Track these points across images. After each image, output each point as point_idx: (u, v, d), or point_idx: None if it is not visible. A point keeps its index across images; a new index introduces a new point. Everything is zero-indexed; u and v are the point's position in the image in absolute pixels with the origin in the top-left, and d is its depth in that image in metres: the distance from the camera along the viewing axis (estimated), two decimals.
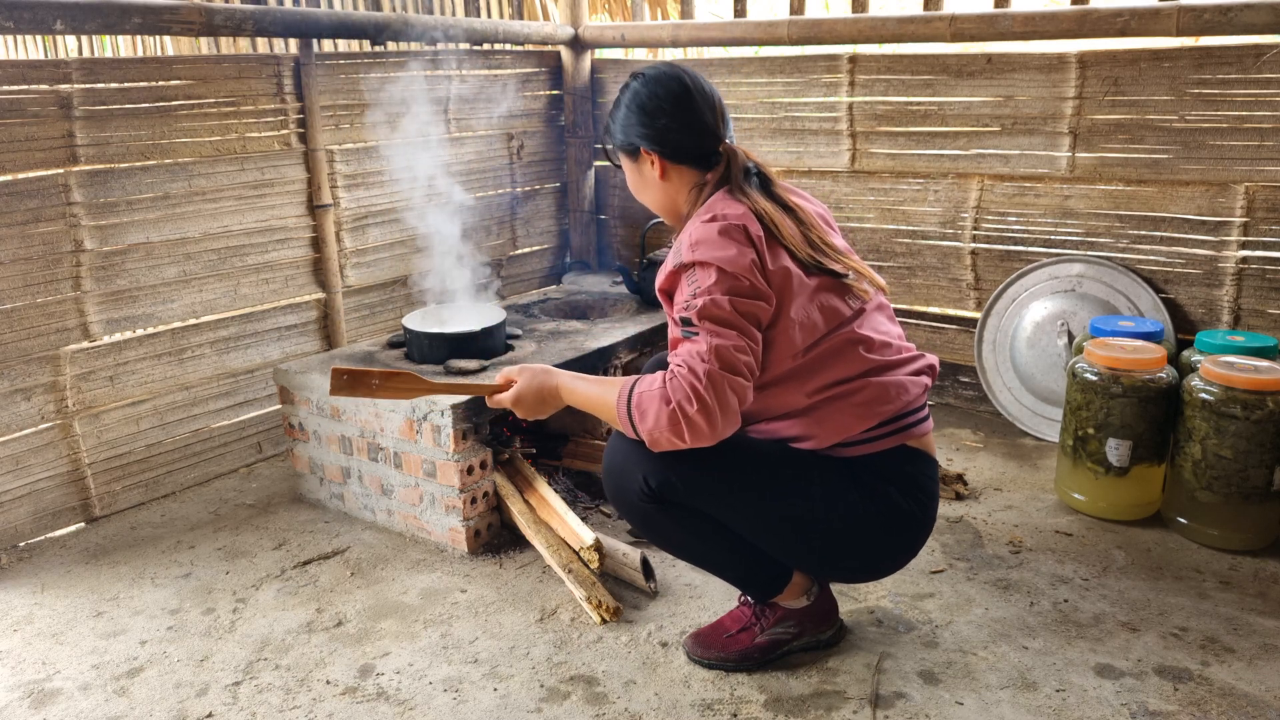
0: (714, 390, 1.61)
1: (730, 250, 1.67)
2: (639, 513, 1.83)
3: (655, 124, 1.83)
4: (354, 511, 2.67)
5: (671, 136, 1.83)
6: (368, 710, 1.85)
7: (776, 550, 1.84)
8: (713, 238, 1.69)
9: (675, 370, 1.64)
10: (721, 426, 1.63)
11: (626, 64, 3.94)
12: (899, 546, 1.85)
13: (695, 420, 1.61)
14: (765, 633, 1.94)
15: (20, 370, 2.52)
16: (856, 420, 1.75)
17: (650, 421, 1.64)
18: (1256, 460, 2.31)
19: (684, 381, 1.62)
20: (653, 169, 1.86)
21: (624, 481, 1.81)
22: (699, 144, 1.83)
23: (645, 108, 1.83)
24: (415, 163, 3.41)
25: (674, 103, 1.82)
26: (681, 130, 1.82)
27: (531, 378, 1.86)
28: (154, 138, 2.71)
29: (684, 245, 1.72)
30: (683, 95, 1.83)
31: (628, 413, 1.69)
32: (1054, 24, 2.89)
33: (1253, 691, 1.85)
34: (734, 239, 1.69)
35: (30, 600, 2.29)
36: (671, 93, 1.83)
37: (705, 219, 1.74)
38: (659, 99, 1.83)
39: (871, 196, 3.41)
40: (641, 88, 1.85)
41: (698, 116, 1.83)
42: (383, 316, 3.41)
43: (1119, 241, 3.03)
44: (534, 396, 1.85)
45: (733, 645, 1.94)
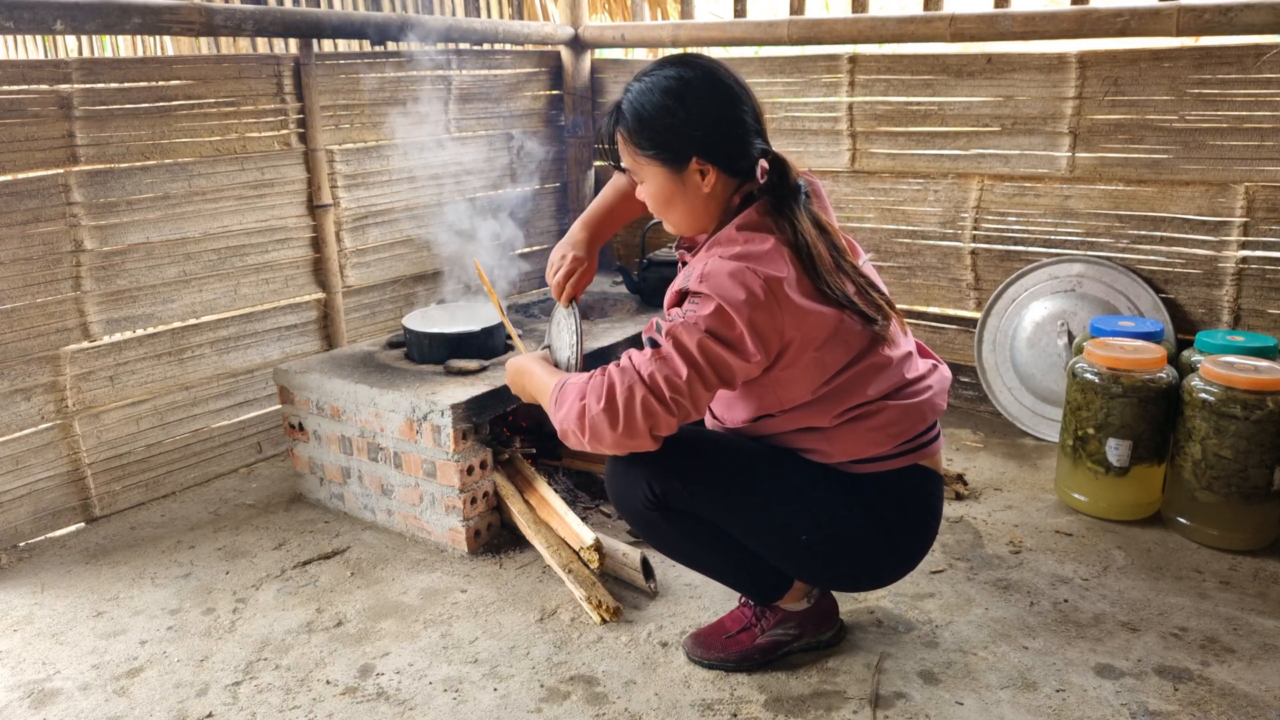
0: (627, 403, 1.56)
1: (739, 295, 1.53)
2: (643, 519, 1.80)
3: (715, 127, 1.60)
4: (354, 511, 2.67)
5: (733, 143, 1.62)
6: (368, 710, 1.85)
7: (778, 559, 1.82)
8: (725, 278, 1.54)
9: (607, 370, 1.62)
10: (621, 438, 1.57)
11: (626, 64, 3.94)
12: (901, 560, 1.83)
13: (597, 422, 1.58)
14: (766, 634, 1.94)
15: (20, 370, 2.52)
16: (871, 445, 1.69)
17: (562, 411, 1.63)
18: (1256, 460, 2.31)
19: (605, 382, 1.59)
20: (702, 181, 1.64)
21: (628, 488, 1.75)
22: (753, 153, 1.65)
23: (703, 107, 1.59)
24: (415, 163, 3.42)
25: (734, 101, 1.61)
26: (744, 136, 1.63)
27: (512, 363, 1.93)
28: (154, 138, 2.71)
29: (695, 273, 1.59)
30: (742, 92, 1.62)
31: (552, 400, 1.69)
32: (1054, 24, 2.89)
33: (1253, 691, 1.85)
34: (746, 286, 1.53)
35: (30, 600, 2.29)
36: (729, 89, 1.61)
37: (729, 254, 1.58)
38: (718, 96, 1.60)
39: (871, 196, 3.41)
40: (695, 80, 1.59)
41: (752, 117, 1.63)
42: (383, 316, 3.41)
43: (1119, 241, 3.03)
44: (515, 379, 1.91)
45: (733, 646, 1.94)
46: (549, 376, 1.78)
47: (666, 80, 1.61)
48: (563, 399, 1.65)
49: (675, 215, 1.71)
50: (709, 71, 1.62)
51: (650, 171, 1.67)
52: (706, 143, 1.61)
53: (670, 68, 1.63)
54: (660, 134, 1.62)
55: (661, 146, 1.62)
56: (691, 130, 1.60)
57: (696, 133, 1.60)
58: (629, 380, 1.57)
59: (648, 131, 1.62)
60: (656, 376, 1.56)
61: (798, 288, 1.57)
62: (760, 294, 1.54)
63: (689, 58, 1.66)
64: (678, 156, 1.62)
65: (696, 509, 1.74)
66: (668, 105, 1.59)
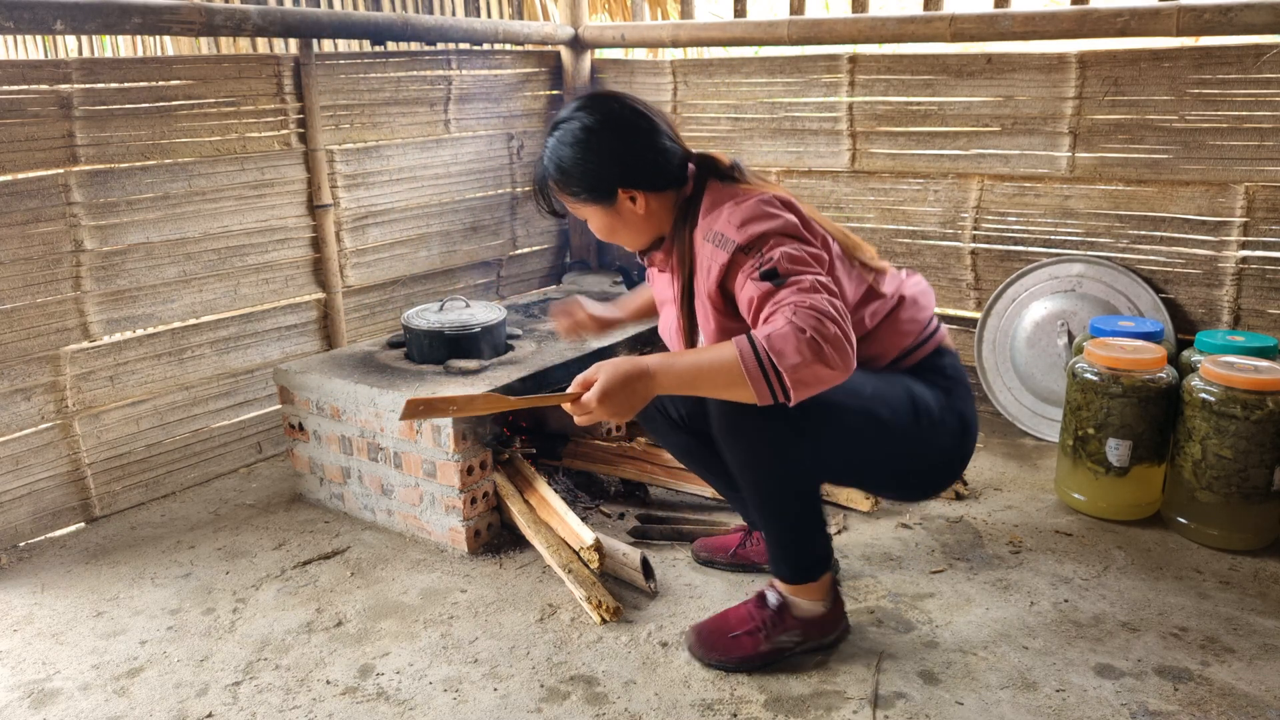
0: (837, 311, 1.56)
1: (778, 220, 1.69)
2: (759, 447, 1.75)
3: (628, 161, 1.76)
4: (354, 511, 2.67)
5: (649, 168, 1.78)
6: (368, 710, 1.85)
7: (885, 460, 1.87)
8: (756, 212, 1.70)
9: (794, 303, 1.55)
10: (853, 345, 1.57)
11: (627, 64, 3.95)
12: (969, 437, 1.94)
13: (839, 341, 1.52)
14: (770, 640, 1.92)
15: (20, 370, 2.52)
16: (907, 335, 1.88)
17: (793, 357, 1.50)
18: (1256, 460, 2.31)
19: (809, 312, 1.53)
20: (634, 206, 1.80)
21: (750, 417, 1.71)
22: (673, 163, 1.80)
23: (610, 147, 1.75)
24: (415, 163, 3.42)
25: (638, 131, 1.77)
26: (657, 157, 1.78)
27: (614, 370, 1.59)
28: (154, 138, 2.71)
29: (728, 232, 1.69)
30: (642, 120, 1.78)
31: (758, 361, 1.52)
32: (1054, 24, 2.89)
33: (1253, 691, 1.85)
34: (775, 208, 1.71)
35: (30, 600, 2.29)
36: (630, 122, 1.77)
37: (734, 204, 1.73)
38: (621, 133, 1.76)
39: (871, 196, 3.41)
40: (595, 126, 1.76)
41: (662, 137, 1.79)
42: (383, 316, 3.41)
43: (1119, 241, 3.03)
44: (623, 390, 1.59)
45: (735, 649, 1.93)
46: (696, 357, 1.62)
47: (573, 133, 1.77)
48: (782, 350, 1.51)
49: (623, 238, 1.88)
50: (607, 112, 1.78)
51: (586, 211, 1.85)
52: (624, 175, 1.78)
53: (574, 119, 1.78)
54: (581, 179, 1.79)
55: (586, 189, 1.80)
56: (607, 169, 1.77)
57: (613, 170, 1.77)
58: (821, 298, 1.57)
59: (570, 180, 1.80)
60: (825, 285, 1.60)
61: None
62: (786, 209, 1.73)
63: (590, 102, 1.80)
64: (604, 193, 1.79)
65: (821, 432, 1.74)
66: (579, 154, 1.77)
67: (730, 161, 1.86)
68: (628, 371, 1.59)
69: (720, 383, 1.57)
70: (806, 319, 1.52)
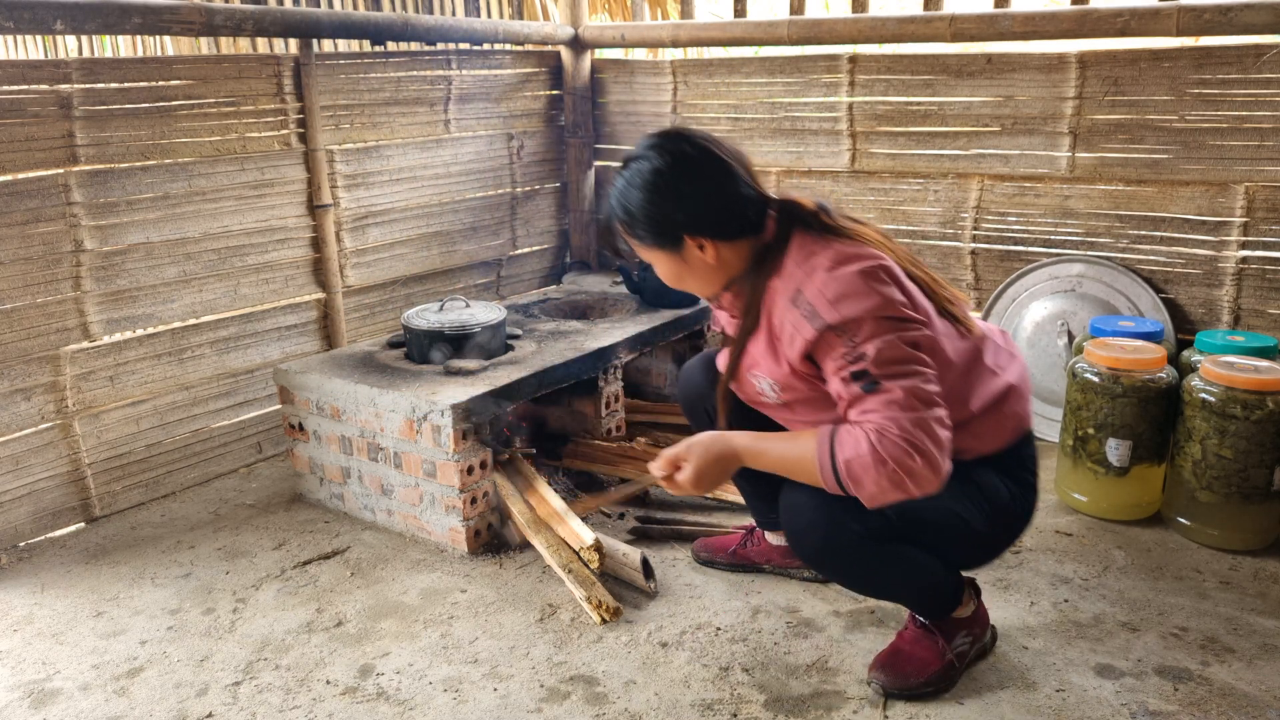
0: (928, 435, 1.50)
1: (875, 298, 1.55)
2: (848, 551, 1.71)
3: (697, 208, 1.66)
4: (354, 511, 2.67)
5: (720, 216, 1.67)
6: (368, 710, 1.85)
7: (956, 554, 1.82)
8: (852, 288, 1.56)
9: (880, 428, 1.50)
10: (943, 467, 1.52)
11: (627, 64, 3.94)
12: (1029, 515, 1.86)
13: (921, 473, 1.49)
14: (951, 649, 1.87)
15: (20, 370, 2.52)
16: (1007, 430, 1.76)
17: (871, 487, 1.52)
18: (1256, 460, 2.31)
19: (896, 438, 1.49)
20: (703, 254, 1.69)
21: (838, 520, 1.68)
22: (750, 211, 1.69)
23: (679, 191, 1.65)
24: (415, 163, 3.42)
25: (710, 177, 1.65)
26: (730, 205, 1.67)
27: (705, 451, 1.67)
28: (154, 138, 2.71)
29: (818, 305, 1.57)
30: (716, 164, 1.66)
31: (836, 481, 1.55)
32: (1054, 24, 2.89)
33: (1253, 691, 1.85)
34: (876, 280, 1.57)
35: (30, 600, 2.29)
36: (702, 166, 1.65)
37: (828, 269, 1.59)
38: (692, 178, 1.65)
39: (871, 196, 3.41)
40: (665, 168, 1.65)
41: (738, 183, 1.67)
42: (383, 316, 3.41)
43: (1119, 241, 3.03)
44: (716, 469, 1.68)
45: (926, 668, 1.85)
46: (784, 447, 1.65)
47: (641, 175, 1.68)
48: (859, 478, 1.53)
49: (690, 285, 1.79)
50: (678, 154, 1.67)
51: (651, 255, 1.76)
52: (692, 223, 1.67)
53: (644, 159, 1.68)
54: (646, 224, 1.70)
55: (652, 234, 1.71)
56: (674, 216, 1.67)
57: (679, 217, 1.67)
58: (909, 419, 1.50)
59: (635, 224, 1.71)
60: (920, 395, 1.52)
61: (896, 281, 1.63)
62: (888, 282, 1.59)
63: (663, 141, 1.70)
64: (670, 240, 1.70)
65: (901, 531, 1.70)
66: (645, 198, 1.67)
67: (815, 205, 1.71)
68: (719, 454, 1.68)
69: (804, 479, 1.63)
70: (891, 449, 1.49)
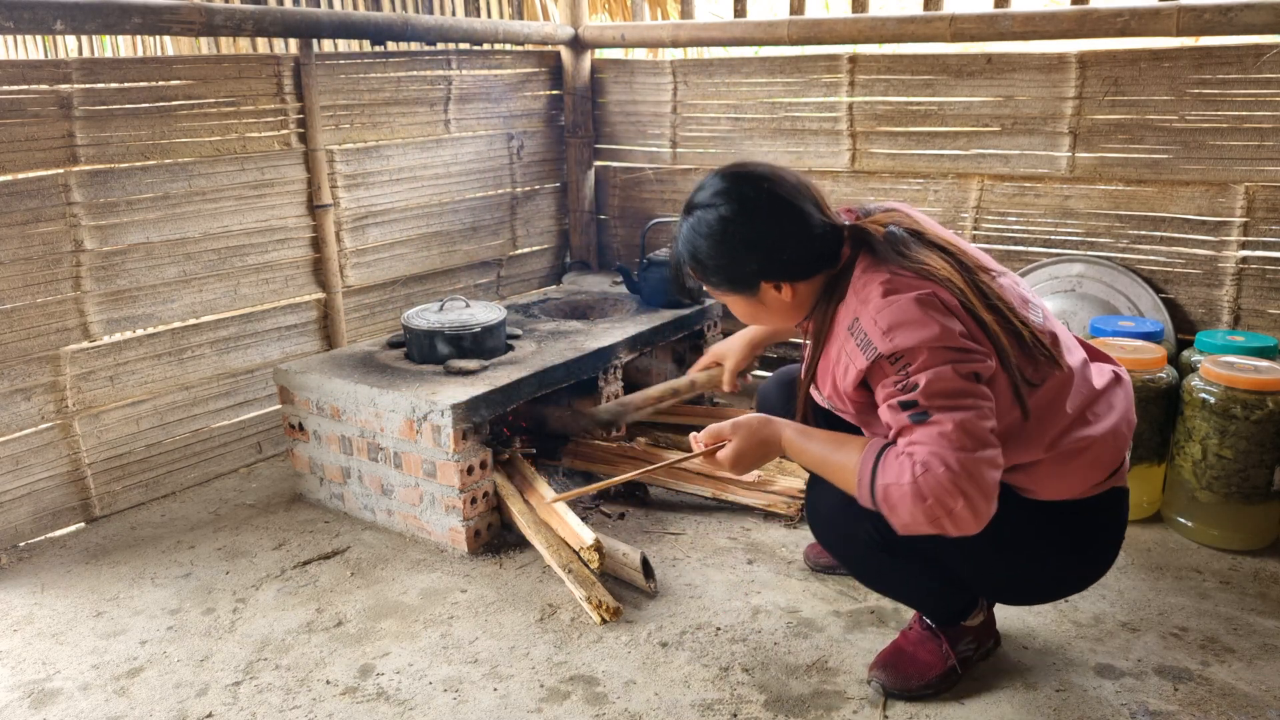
0: (973, 479, 1.42)
1: (932, 328, 1.48)
2: (860, 555, 1.75)
3: (770, 254, 1.62)
4: (354, 511, 2.67)
5: (795, 259, 1.63)
6: (368, 710, 1.85)
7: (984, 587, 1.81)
8: (907, 317, 1.50)
9: (925, 462, 1.44)
10: (986, 512, 1.45)
11: (627, 64, 3.94)
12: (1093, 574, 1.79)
13: (961, 516, 1.43)
14: (955, 652, 1.86)
15: (20, 370, 2.52)
16: (1082, 481, 1.65)
17: (905, 518, 1.47)
18: (1256, 460, 2.31)
19: (940, 477, 1.42)
20: (780, 295, 1.67)
21: (852, 525, 1.70)
22: (824, 248, 1.64)
23: (750, 241, 1.62)
24: (415, 163, 3.42)
25: (781, 222, 1.61)
26: (804, 248, 1.63)
27: (751, 434, 1.67)
28: (154, 138, 2.71)
29: (871, 333, 1.52)
30: (787, 208, 1.61)
31: (872, 499, 1.51)
32: (1054, 24, 2.89)
33: (1253, 691, 1.85)
34: (932, 309, 1.50)
35: (30, 600, 2.29)
36: (773, 212, 1.61)
37: (883, 296, 1.53)
38: (763, 226, 1.61)
39: (871, 197, 3.41)
40: (732, 217, 1.61)
41: (807, 222, 1.62)
42: (383, 316, 3.41)
43: (1119, 241, 3.03)
44: (756, 451, 1.68)
45: (928, 671, 1.85)
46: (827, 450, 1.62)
47: (709, 224, 1.64)
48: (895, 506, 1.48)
49: (767, 322, 1.84)
50: (745, 202, 1.63)
51: (728, 299, 1.76)
52: (764, 270, 1.65)
53: (711, 207, 1.64)
54: (720, 272, 1.69)
55: (726, 281, 1.70)
56: (747, 265, 1.65)
57: (752, 265, 1.65)
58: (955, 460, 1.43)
59: (708, 272, 1.70)
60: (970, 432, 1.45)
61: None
62: (943, 311, 1.51)
63: (729, 186, 1.64)
64: (745, 286, 1.69)
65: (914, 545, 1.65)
66: (715, 248, 1.65)
67: (885, 232, 1.64)
68: (764, 438, 1.68)
69: (840, 484, 1.61)
70: (934, 487, 1.42)
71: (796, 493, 2.57)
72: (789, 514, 2.54)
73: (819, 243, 1.64)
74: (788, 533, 2.51)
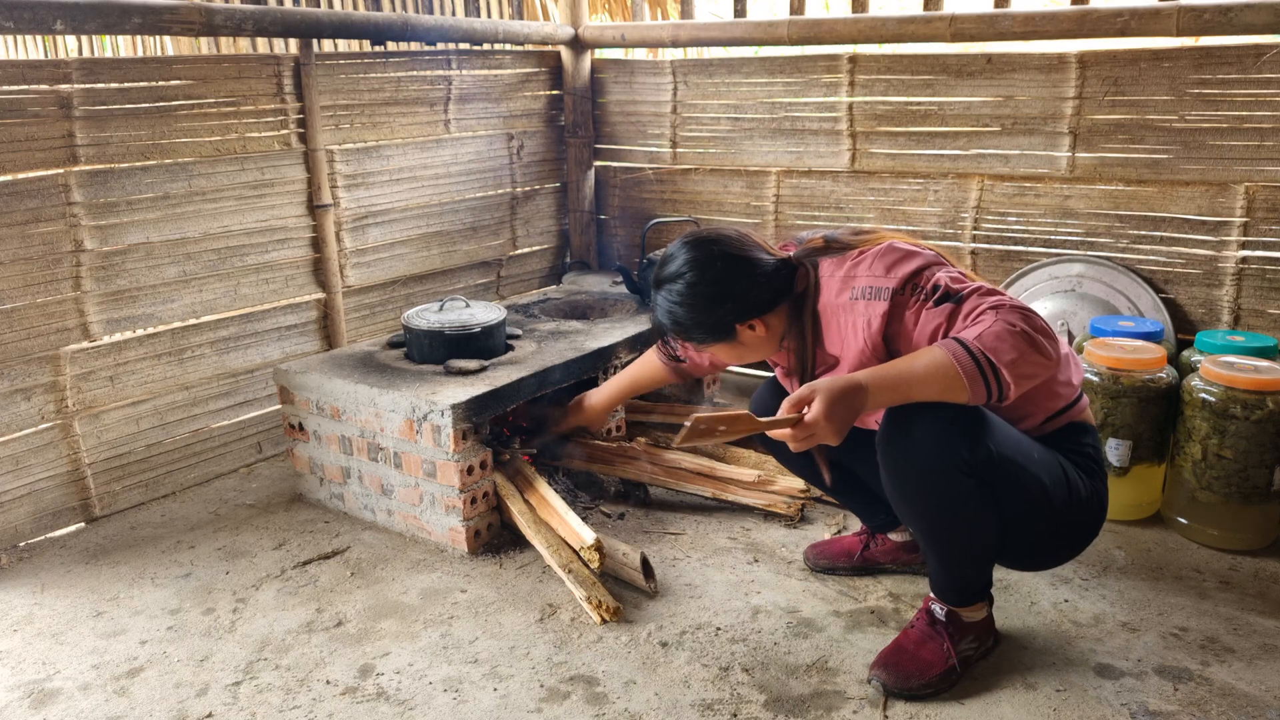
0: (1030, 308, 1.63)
1: (918, 256, 1.75)
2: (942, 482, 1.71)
3: (738, 301, 1.84)
4: (354, 511, 2.67)
5: (758, 298, 1.85)
6: (368, 710, 1.85)
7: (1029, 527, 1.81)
8: (896, 256, 1.76)
9: (994, 305, 1.61)
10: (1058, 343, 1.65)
11: (627, 64, 3.94)
12: (1099, 519, 1.91)
13: (1048, 331, 1.61)
14: (956, 651, 1.88)
15: (20, 370, 2.52)
16: (1052, 398, 1.84)
17: (1010, 353, 1.55)
18: (1256, 460, 2.31)
19: (1012, 310, 1.60)
20: (756, 332, 1.88)
21: (943, 447, 1.68)
22: (778, 280, 1.86)
23: (717, 296, 1.84)
24: (415, 163, 3.42)
25: (738, 272, 1.84)
26: (762, 287, 1.84)
27: (832, 387, 1.61)
28: (154, 138, 2.71)
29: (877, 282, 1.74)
30: (739, 259, 1.85)
31: (974, 361, 1.55)
32: (1054, 24, 2.89)
33: (1253, 691, 1.85)
34: (910, 246, 1.78)
35: (30, 600, 2.29)
36: (728, 266, 1.84)
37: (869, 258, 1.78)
38: (724, 280, 1.84)
39: (871, 196, 3.41)
40: (698, 281, 1.84)
41: (762, 264, 1.85)
42: (383, 316, 3.41)
43: (1119, 241, 3.03)
44: (843, 405, 1.61)
45: (930, 669, 1.85)
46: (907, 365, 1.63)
47: (679, 293, 1.87)
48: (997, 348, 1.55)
49: (753, 359, 1.98)
50: (704, 264, 1.85)
51: (713, 350, 1.97)
52: (737, 313, 1.86)
53: (678, 279, 1.86)
54: (700, 329, 1.90)
55: (708, 334, 1.91)
56: (720, 316, 1.86)
57: (726, 315, 1.86)
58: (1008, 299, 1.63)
59: (691, 332, 1.92)
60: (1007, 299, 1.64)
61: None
62: (906, 243, 1.79)
63: (687, 255, 1.87)
64: (725, 334, 1.89)
65: (994, 474, 1.71)
66: (690, 311, 1.87)
67: (824, 238, 1.91)
68: (844, 388, 1.62)
69: (935, 388, 1.60)
70: (1012, 315, 1.58)
71: (797, 492, 2.57)
72: (789, 514, 2.54)
73: (774, 277, 1.86)
74: (788, 533, 2.51)
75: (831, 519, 2.57)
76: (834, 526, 2.53)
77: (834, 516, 2.58)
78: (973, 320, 1.62)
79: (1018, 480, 1.75)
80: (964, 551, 1.85)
